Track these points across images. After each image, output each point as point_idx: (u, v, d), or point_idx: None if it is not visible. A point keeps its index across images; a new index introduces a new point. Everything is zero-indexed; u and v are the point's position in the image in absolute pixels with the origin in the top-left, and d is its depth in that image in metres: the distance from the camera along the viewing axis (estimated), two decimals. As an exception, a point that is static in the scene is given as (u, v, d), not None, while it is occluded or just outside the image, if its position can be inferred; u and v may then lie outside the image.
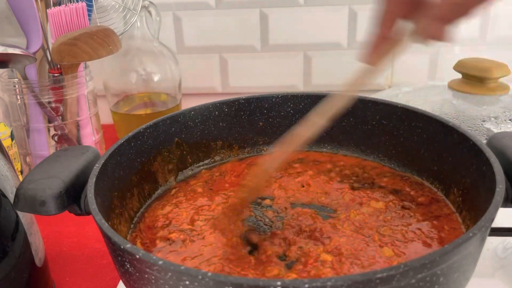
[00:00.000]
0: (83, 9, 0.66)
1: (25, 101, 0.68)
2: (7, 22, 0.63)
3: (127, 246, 0.31)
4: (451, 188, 0.46)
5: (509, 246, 0.51)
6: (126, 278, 0.34)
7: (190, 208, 0.47)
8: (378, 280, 0.27)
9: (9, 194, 0.43)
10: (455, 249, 0.29)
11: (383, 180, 0.50)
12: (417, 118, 0.49)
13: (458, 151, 0.44)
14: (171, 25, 0.92)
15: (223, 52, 0.94)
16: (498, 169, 0.37)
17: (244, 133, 0.57)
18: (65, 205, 0.38)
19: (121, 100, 0.84)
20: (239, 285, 0.27)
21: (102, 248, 0.57)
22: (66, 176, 0.39)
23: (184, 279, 0.28)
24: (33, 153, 0.70)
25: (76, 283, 0.52)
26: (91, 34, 0.63)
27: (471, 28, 0.88)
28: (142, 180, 0.49)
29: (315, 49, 0.92)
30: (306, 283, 0.27)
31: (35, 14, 0.63)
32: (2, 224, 0.41)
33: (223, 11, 0.91)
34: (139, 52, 0.82)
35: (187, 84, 0.93)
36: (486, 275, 0.47)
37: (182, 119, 0.53)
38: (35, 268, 0.46)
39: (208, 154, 0.56)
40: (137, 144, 0.48)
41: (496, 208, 0.33)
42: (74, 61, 0.63)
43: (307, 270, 0.37)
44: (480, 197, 0.39)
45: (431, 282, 0.30)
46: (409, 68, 0.92)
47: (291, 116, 0.57)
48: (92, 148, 0.45)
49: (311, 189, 0.49)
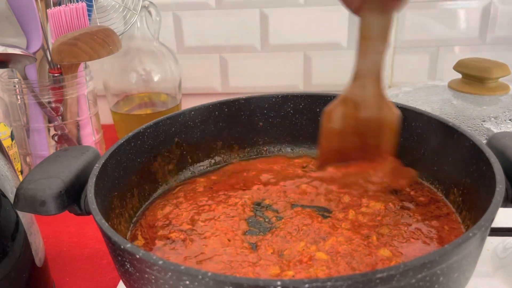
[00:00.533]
0: (83, 9, 0.66)
1: (25, 101, 0.68)
2: (7, 22, 0.63)
3: (127, 246, 0.31)
4: (451, 188, 0.46)
5: (509, 246, 0.51)
6: (126, 278, 0.34)
7: (190, 208, 0.47)
8: (378, 280, 0.27)
9: (9, 194, 0.43)
10: (455, 249, 0.29)
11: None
12: (417, 118, 0.49)
13: (458, 151, 0.44)
14: (171, 25, 0.92)
15: (223, 52, 0.94)
16: (498, 169, 0.37)
17: (244, 133, 0.57)
18: (65, 205, 0.38)
19: (121, 100, 0.84)
20: (239, 285, 0.27)
21: (102, 248, 0.57)
22: (66, 176, 0.39)
23: (184, 279, 0.29)
24: (33, 153, 0.70)
25: (76, 283, 0.52)
26: (91, 34, 0.63)
27: (471, 28, 0.88)
28: (142, 180, 0.49)
29: (315, 49, 0.92)
30: (306, 283, 0.27)
31: (35, 14, 0.63)
32: (2, 224, 0.41)
33: (223, 11, 0.91)
34: (139, 52, 0.82)
35: (187, 84, 0.93)
36: (486, 275, 0.47)
37: (182, 119, 0.53)
38: (35, 268, 0.46)
39: (208, 154, 0.56)
40: (137, 144, 0.48)
41: (496, 208, 0.33)
42: (74, 61, 0.63)
43: (303, 268, 0.37)
44: (480, 197, 0.39)
45: (431, 282, 0.30)
46: (409, 68, 0.92)
47: (291, 116, 0.57)
48: (92, 148, 0.45)
49: (311, 190, 0.49)
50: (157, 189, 0.51)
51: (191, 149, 0.55)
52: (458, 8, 0.87)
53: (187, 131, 0.54)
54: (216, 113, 0.55)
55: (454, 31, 0.89)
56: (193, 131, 0.54)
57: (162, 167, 0.52)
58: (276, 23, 0.91)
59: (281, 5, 0.90)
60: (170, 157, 0.53)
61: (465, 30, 0.89)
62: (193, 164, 0.55)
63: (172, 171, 0.53)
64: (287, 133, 0.58)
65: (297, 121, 0.57)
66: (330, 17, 0.90)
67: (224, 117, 0.56)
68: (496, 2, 0.86)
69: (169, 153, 0.53)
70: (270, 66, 0.94)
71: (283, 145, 0.58)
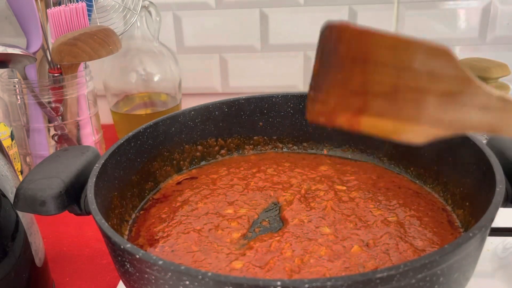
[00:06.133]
0: (83, 9, 0.66)
1: (25, 101, 0.68)
2: (7, 22, 0.63)
3: (127, 246, 0.31)
4: (451, 188, 0.46)
5: (509, 246, 0.51)
6: (126, 278, 0.34)
7: (190, 208, 0.47)
8: (378, 280, 0.27)
9: (9, 194, 0.43)
10: (455, 249, 0.29)
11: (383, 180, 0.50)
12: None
13: (458, 151, 0.44)
14: (171, 25, 0.92)
15: (223, 52, 0.94)
16: (498, 169, 0.37)
17: (244, 133, 0.57)
18: (65, 205, 0.38)
19: (121, 100, 0.84)
20: (239, 285, 0.27)
21: (102, 248, 0.57)
22: (66, 176, 0.39)
23: (184, 279, 0.29)
24: (33, 153, 0.70)
25: (76, 283, 0.52)
26: (91, 34, 0.63)
27: (471, 28, 0.88)
28: (142, 180, 0.49)
29: (315, 49, 0.92)
30: (306, 283, 0.27)
31: (35, 14, 0.63)
32: (2, 224, 0.41)
33: (223, 11, 0.91)
34: (139, 52, 0.82)
35: (187, 84, 0.93)
36: (486, 275, 0.47)
37: (182, 119, 0.53)
38: (35, 268, 0.46)
39: (208, 154, 0.56)
40: (137, 144, 0.48)
41: (496, 208, 0.33)
42: (74, 61, 0.63)
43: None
44: (480, 197, 0.39)
45: (431, 282, 0.30)
46: (409, 68, 0.92)
47: (291, 116, 0.57)
48: (92, 148, 0.45)
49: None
50: (157, 189, 0.51)
51: (191, 149, 0.55)
52: (458, 8, 0.87)
53: (187, 131, 0.54)
54: (216, 113, 0.55)
55: (454, 31, 0.89)
56: (193, 131, 0.54)
57: (162, 167, 0.52)
58: (276, 23, 0.91)
59: (281, 5, 0.90)
60: (170, 157, 0.53)
61: (465, 30, 0.88)
62: (193, 164, 0.55)
63: (172, 171, 0.53)
64: (287, 133, 0.58)
65: (297, 121, 0.57)
66: (330, 17, 0.90)
67: (224, 117, 0.56)
68: (496, 2, 0.86)
69: (169, 153, 0.53)
70: (270, 66, 0.94)
71: (283, 145, 0.58)
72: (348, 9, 0.89)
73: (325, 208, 0.45)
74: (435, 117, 0.26)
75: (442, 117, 0.26)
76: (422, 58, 0.25)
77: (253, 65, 0.94)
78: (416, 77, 0.25)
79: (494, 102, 0.26)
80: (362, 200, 0.46)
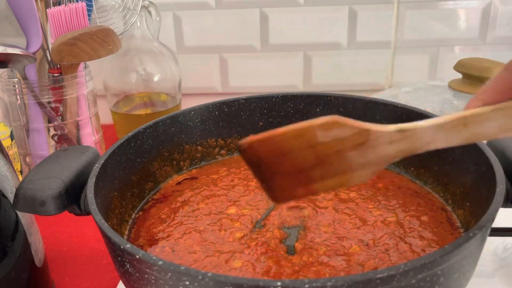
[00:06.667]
0: (83, 9, 0.66)
1: (25, 101, 0.68)
2: (7, 22, 0.63)
3: (127, 246, 0.31)
4: (451, 188, 0.46)
5: (509, 246, 0.51)
6: (126, 278, 0.34)
7: (190, 208, 0.47)
8: (378, 280, 0.27)
9: (9, 194, 0.43)
10: (456, 249, 0.29)
11: (382, 180, 0.50)
12: (417, 118, 0.49)
13: (458, 151, 0.44)
14: (171, 25, 0.92)
15: (223, 52, 0.94)
16: (498, 169, 0.37)
17: (244, 133, 0.57)
18: (65, 205, 0.38)
19: (121, 100, 0.84)
20: (239, 285, 0.27)
21: (102, 248, 0.57)
22: (66, 176, 0.39)
23: (184, 279, 0.28)
24: (33, 153, 0.70)
25: (76, 283, 0.52)
26: (91, 34, 0.63)
27: (471, 28, 0.88)
28: (142, 180, 0.49)
29: (315, 49, 0.92)
30: (306, 283, 0.27)
31: (35, 14, 0.63)
32: (2, 224, 0.41)
33: (223, 11, 0.91)
34: (139, 52, 0.82)
35: (187, 84, 0.93)
36: (486, 275, 0.47)
37: (182, 119, 0.53)
38: (35, 268, 0.46)
39: (208, 154, 0.56)
40: (137, 144, 0.48)
41: (496, 208, 0.33)
42: (74, 61, 0.63)
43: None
44: (480, 197, 0.39)
45: (431, 282, 0.30)
46: (409, 68, 0.92)
47: (291, 116, 0.57)
48: (92, 148, 0.45)
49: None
50: (157, 189, 0.51)
51: (191, 149, 0.55)
52: (458, 8, 0.87)
53: (187, 131, 0.54)
54: (216, 113, 0.55)
55: (454, 31, 0.89)
56: (193, 131, 0.54)
57: (162, 167, 0.52)
58: (276, 23, 0.91)
59: (281, 5, 0.90)
60: (170, 157, 0.53)
61: (465, 30, 0.88)
62: (193, 164, 0.55)
63: (172, 171, 0.53)
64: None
65: (297, 121, 0.57)
66: (330, 17, 0.90)
67: (224, 117, 0.56)
68: (496, 2, 0.86)
69: (169, 153, 0.53)
70: (270, 66, 0.94)
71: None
72: (348, 9, 0.89)
73: (325, 207, 0.45)
74: (362, 162, 0.31)
75: (367, 160, 0.31)
76: (320, 133, 0.30)
77: (253, 65, 0.94)
78: (328, 146, 0.30)
79: (396, 135, 0.31)
80: (362, 200, 0.46)
